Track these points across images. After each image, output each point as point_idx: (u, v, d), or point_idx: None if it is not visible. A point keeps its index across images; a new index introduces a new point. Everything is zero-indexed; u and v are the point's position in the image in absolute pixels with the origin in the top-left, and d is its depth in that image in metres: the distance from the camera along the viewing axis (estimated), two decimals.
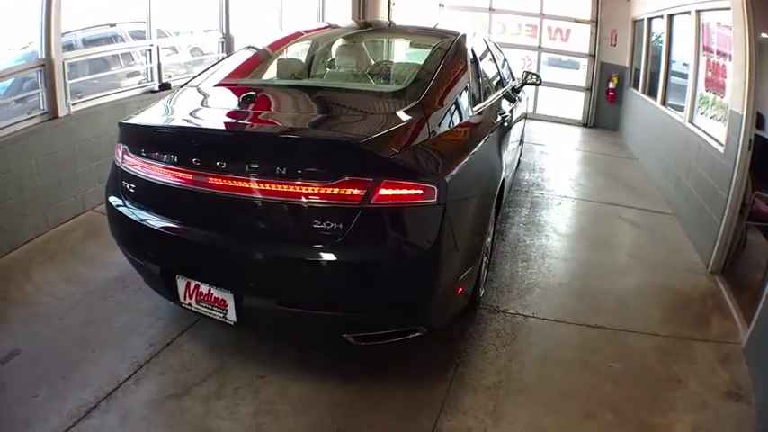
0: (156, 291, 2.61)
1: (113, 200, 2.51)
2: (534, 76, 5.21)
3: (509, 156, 3.96)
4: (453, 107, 2.65)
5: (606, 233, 4.47)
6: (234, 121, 2.38)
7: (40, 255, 3.65)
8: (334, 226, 2.03)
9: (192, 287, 2.30)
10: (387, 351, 2.56)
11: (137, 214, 2.38)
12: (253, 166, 2.05)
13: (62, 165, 4.14)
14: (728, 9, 3.69)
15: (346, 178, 1.99)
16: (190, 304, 2.34)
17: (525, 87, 5.21)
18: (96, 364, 2.48)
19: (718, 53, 4.19)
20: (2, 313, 2.95)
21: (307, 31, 4.04)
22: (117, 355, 2.54)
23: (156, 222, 2.31)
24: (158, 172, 2.28)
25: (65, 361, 2.51)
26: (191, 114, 2.55)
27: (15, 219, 3.77)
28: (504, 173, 3.29)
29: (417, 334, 2.34)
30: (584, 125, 8.76)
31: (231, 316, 2.26)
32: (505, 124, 3.51)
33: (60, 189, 4.15)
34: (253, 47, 3.46)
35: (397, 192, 2.03)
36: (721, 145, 3.84)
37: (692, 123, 4.73)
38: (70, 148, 4.19)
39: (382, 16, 10.00)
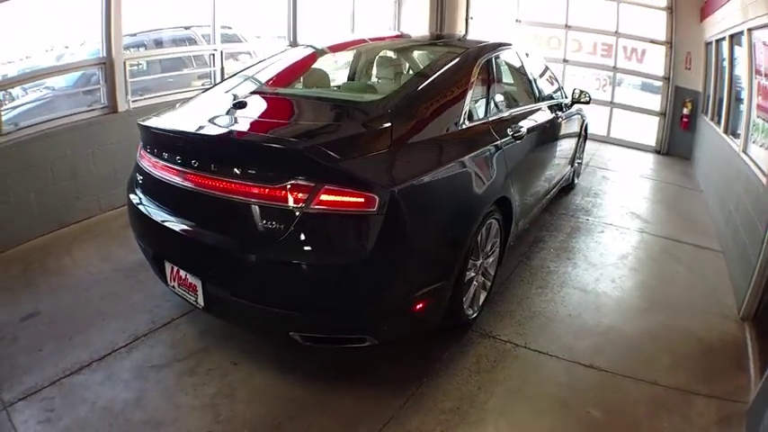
0: (155, 273, 2.87)
1: (129, 190, 2.85)
2: (585, 95, 5.06)
3: (531, 174, 3.87)
4: (433, 119, 2.67)
5: (641, 266, 4.20)
6: (212, 125, 2.56)
7: (85, 234, 4.10)
8: (276, 227, 2.18)
9: (174, 271, 2.57)
10: (359, 357, 2.68)
11: (142, 203, 2.69)
12: (216, 166, 2.26)
13: (118, 155, 4.53)
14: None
15: (291, 182, 2.13)
16: (174, 287, 2.61)
17: (589, 108, 5.24)
18: (101, 332, 2.81)
19: (766, 75, 3.86)
20: (34, 279, 3.40)
21: (351, 42, 4.16)
22: (121, 326, 2.85)
23: (153, 211, 2.60)
24: (156, 168, 2.58)
25: (76, 325, 2.85)
26: (188, 117, 2.75)
27: (67, 200, 4.24)
28: (509, 192, 3.22)
29: (366, 344, 2.40)
30: (657, 152, 8.26)
31: (200, 301, 2.48)
32: (519, 141, 3.40)
33: (114, 177, 4.53)
34: (277, 56, 3.65)
35: (338, 198, 2.12)
36: (765, 175, 3.53)
37: (745, 153, 4.37)
38: (127, 141, 4.50)
39: (460, 30, 10.03)
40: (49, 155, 4.07)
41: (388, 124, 2.42)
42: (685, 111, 7.70)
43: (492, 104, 3.30)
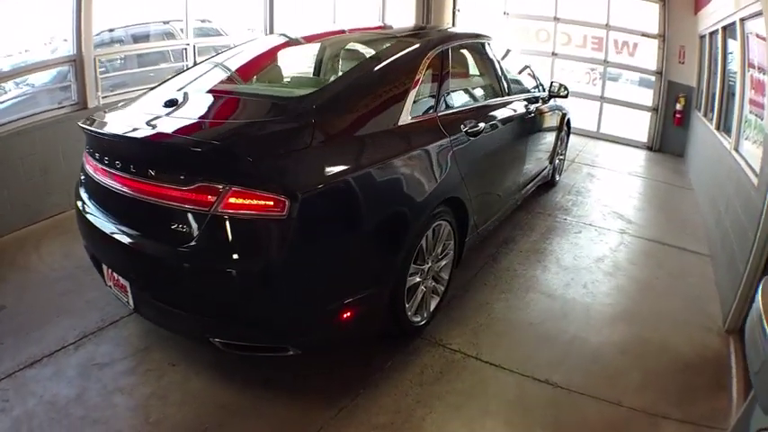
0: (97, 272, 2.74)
1: (76, 190, 2.70)
2: (563, 89, 4.75)
3: (494, 172, 3.58)
4: (366, 115, 2.43)
5: (617, 271, 3.82)
6: (140, 125, 2.35)
7: (54, 230, 4.04)
8: (186, 230, 2.06)
9: (109, 272, 2.47)
10: (300, 364, 2.54)
11: (83, 203, 2.56)
12: (134, 168, 2.15)
13: None
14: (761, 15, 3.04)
15: (200, 183, 2.00)
16: (110, 287, 2.51)
17: (579, 103, 4.89)
18: (55, 328, 2.83)
19: (758, 68, 3.50)
20: (5, 274, 3.42)
21: (319, 35, 3.79)
22: (73, 323, 2.86)
23: (90, 211, 2.48)
24: (90, 168, 2.48)
25: (35, 321, 2.88)
26: (124, 117, 2.54)
27: (39, 196, 4.18)
28: (462, 192, 2.94)
29: (290, 353, 2.26)
30: (649, 148, 7.88)
31: (131, 302, 2.39)
32: (477, 137, 3.08)
33: None
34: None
35: (246, 201, 1.97)
36: (756, 175, 3.18)
37: (736, 151, 4.01)
38: None
39: (447, 22, 9.79)
40: (20, 151, 4.04)
41: (311, 121, 2.22)
42: (678, 106, 7.33)
43: (444, 99, 2.99)
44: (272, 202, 1.96)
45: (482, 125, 3.12)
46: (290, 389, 2.47)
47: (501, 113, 3.59)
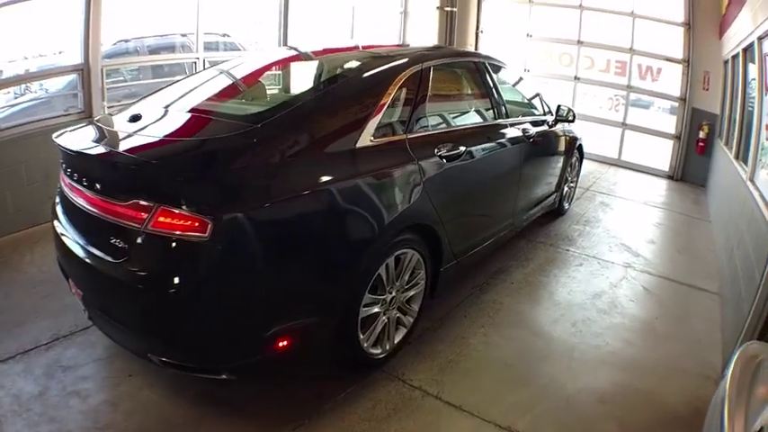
0: None
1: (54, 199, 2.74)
2: (570, 112, 4.54)
3: (480, 199, 3.41)
4: (320, 135, 2.32)
5: (613, 309, 3.55)
6: (97, 140, 2.37)
7: (50, 234, 4.11)
8: (122, 245, 2.05)
9: (70, 281, 2.48)
10: (256, 386, 2.55)
11: (56, 213, 2.58)
12: (86, 182, 2.17)
13: None
14: None
15: (135, 201, 1.99)
16: (74, 295, 2.50)
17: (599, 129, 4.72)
18: (33, 328, 2.92)
19: None
20: None
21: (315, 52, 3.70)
22: (48, 325, 2.94)
23: (58, 220, 2.52)
24: (62, 180, 2.51)
25: (17, 319, 2.98)
26: (92, 132, 2.49)
27: (40, 200, 4.16)
28: (433, 219, 2.78)
29: (223, 377, 2.18)
30: (671, 177, 7.54)
31: (85, 313, 2.41)
32: (456, 162, 2.93)
33: None
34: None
35: (173, 221, 1.93)
36: None
37: (752, 181, 3.73)
38: None
39: (470, 44, 9.69)
40: (24, 155, 4.14)
41: (253, 140, 2.13)
42: (702, 134, 6.99)
43: (418, 121, 2.82)
44: (196, 223, 1.89)
45: (462, 149, 2.96)
46: (239, 409, 2.42)
47: (491, 137, 3.42)
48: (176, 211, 1.91)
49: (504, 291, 3.65)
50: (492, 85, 3.64)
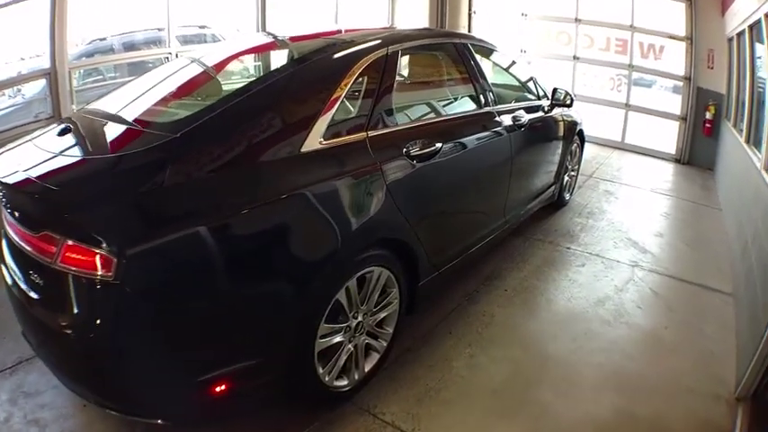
0: None
1: None
2: (567, 96, 4.15)
3: (463, 199, 3.06)
4: (252, 142, 1.94)
5: (618, 319, 3.20)
6: (21, 159, 2.04)
7: None
8: (36, 280, 1.85)
9: None
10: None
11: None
12: (9, 206, 1.88)
13: None
14: None
15: (45, 232, 1.70)
16: None
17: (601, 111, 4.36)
18: (0, 350, 2.77)
19: None
20: None
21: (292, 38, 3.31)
22: (14, 348, 2.77)
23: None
24: None
25: None
26: (24, 149, 2.17)
27: None
28: (403, 231, 2.45)
29: (159, 421, 1.94)
30: (677, 161, 7.15)
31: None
32: (429, 161, 2.56)
33: None
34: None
35: (78, 256, 1.64)
36: None
37: (766, 170, 3.36)
38: None
39: (463, 25, 9.30)
40: None
41: (169, 154, 1.81)
42: (708, 115, 6.59)
43: (381, 115, 2.43)
44: (100, 260, 1.60)
45: (438, 145, 2.60)
46: None
47: (475, 128, 3.05)
48: (82, 246, 1.62)
49: (497, 300, 3.31)
50: (476, 69, 3.26)
